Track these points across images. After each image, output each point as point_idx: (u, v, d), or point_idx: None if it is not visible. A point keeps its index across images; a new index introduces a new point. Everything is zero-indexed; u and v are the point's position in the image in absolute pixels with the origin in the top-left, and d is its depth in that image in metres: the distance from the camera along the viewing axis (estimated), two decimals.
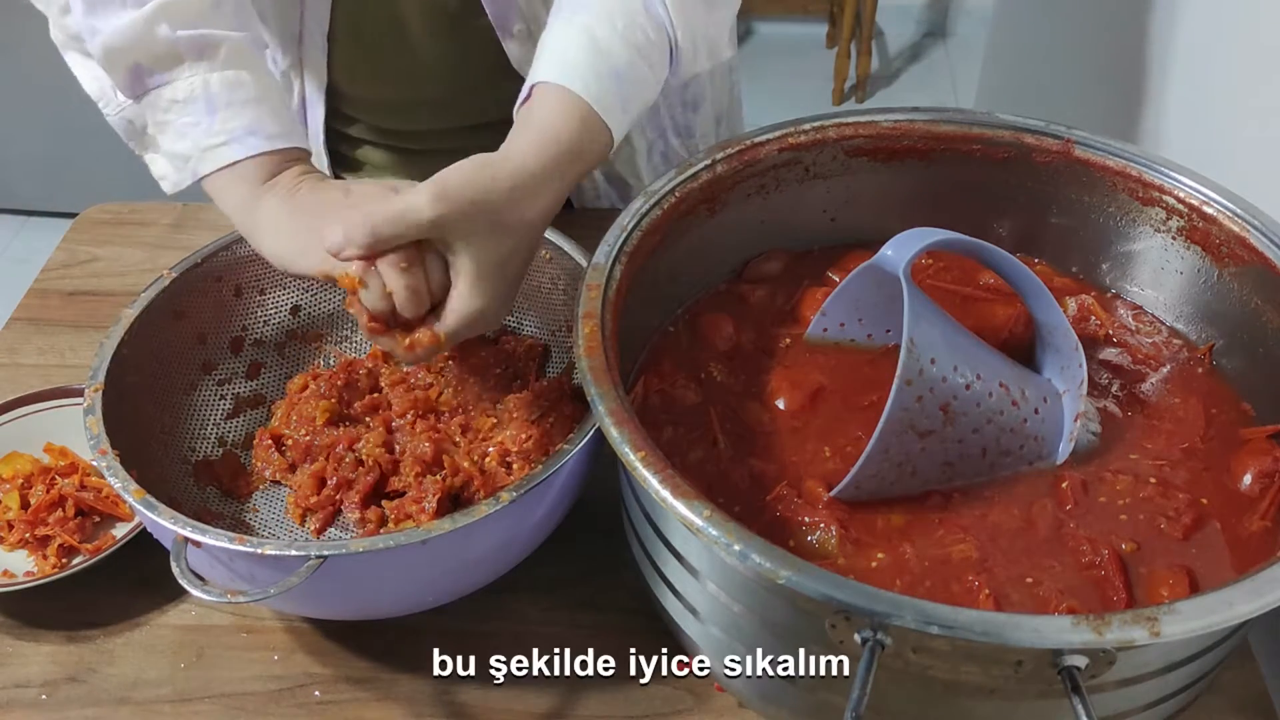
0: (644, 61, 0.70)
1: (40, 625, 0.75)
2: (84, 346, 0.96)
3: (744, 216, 0.77)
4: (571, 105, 0.67)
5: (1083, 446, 0.66)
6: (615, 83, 0.68)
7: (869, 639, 0.49)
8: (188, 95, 0.72)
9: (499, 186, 0.63)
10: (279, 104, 0.76)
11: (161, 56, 0.72)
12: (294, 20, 0.90)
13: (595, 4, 0.70)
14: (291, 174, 0.74)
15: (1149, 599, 0.58)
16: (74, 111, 2.53)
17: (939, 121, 0.75)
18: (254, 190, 0.73)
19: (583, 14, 0.70)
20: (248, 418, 0.84)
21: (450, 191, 0.62)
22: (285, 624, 0.75)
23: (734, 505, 0.64)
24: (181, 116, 0.73)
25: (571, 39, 0.69)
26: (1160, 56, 1.12)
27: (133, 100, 0.74)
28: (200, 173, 0.73)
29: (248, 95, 0.73)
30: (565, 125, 0.66)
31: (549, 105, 0.67)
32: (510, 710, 0.70)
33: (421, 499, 0.73)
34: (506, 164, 0.64)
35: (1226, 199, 0.68)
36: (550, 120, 0.67)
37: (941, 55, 3.07)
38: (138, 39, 0.71)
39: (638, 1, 0.70)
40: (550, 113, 0.67)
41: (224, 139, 0.72)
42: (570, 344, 0.72)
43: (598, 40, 0.68)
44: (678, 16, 0.71)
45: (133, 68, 0.72)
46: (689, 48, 0.73)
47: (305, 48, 0.91)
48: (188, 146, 0.73)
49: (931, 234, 0.63)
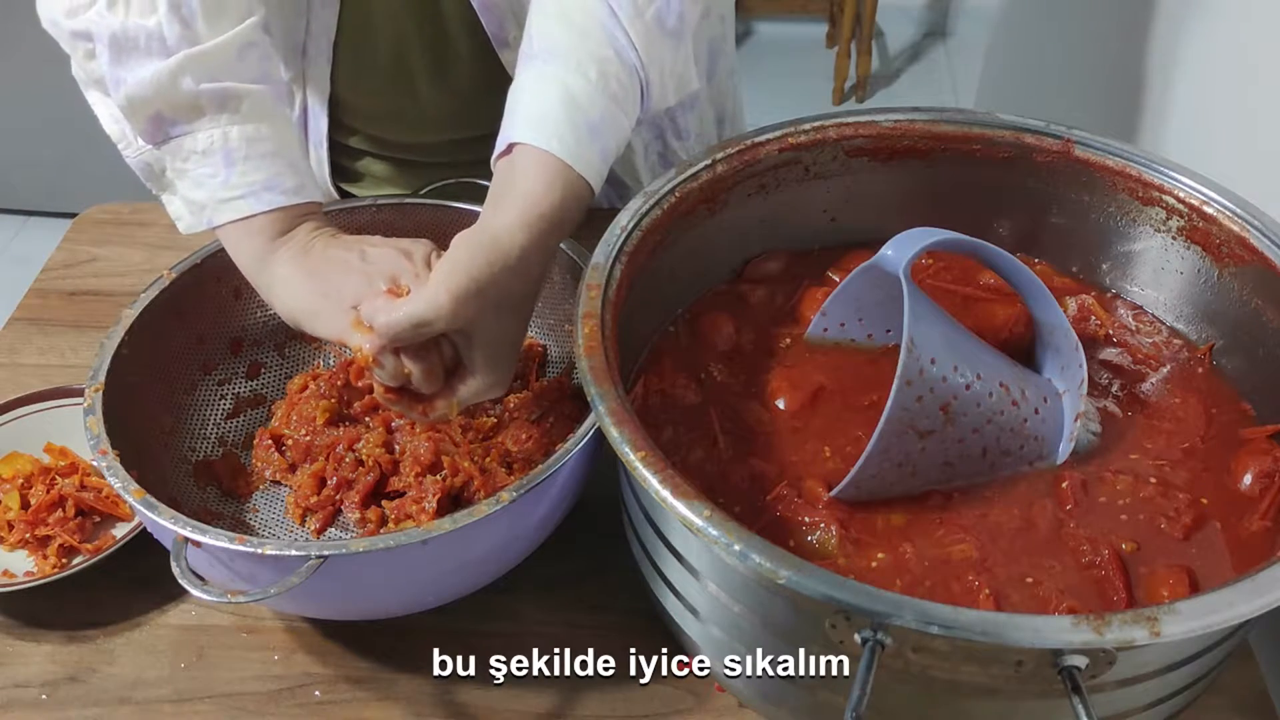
0: (619, 109, 0.70)
1: (40, 625, 0.75)
2: (84, 346, 0.96)
3: (744, 216, 0.77)
4: (554, 170, 0.67)
5: (1083, 446, 0.66)
6: (592, 137, 0.68)
7: (869, 639, 0.49)
8: (207, 147, 0.73)
9: (501, 274, 0.65)
10: (297, 157, 0.77)
11: (183, 107, 0.73)
12: (299, 31, 0.90)
13: (566, 53, 0.69)
14: (305, 230, 0.75)
15: (1149, 599, 0.58)
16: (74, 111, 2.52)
17: (939, 121, 0.75)
18: (267, 245, 0.74)
19: (555, 64, 0.69)
20: (248, 418, 0.84)
21: (460, 291, 0.64)
22: (285, 624, 0.75)
23: (734, 505, 0.64)
24: (200, 167, 0.73)
25: (547, 94, 0.68)
26: (1160, 56, 1.12)
27: (152, 146, 0.75)
28: (215, 223, 0.74)
29: (266, 149, 0.74)
30: (549, 194, 0.67)
31: (531, 171, 0.67)
32: (510, 710, 0.70)
33: (421, 499, 0.73)
34: (501, 248, 0.66)
35: (1226, 199, 0.68)
36: (534, 190, 0.67)
37: (941, 55, 3.07)
38: (161, 90, 0.72)
39: (608, 48, 0.69)
40: (534, 181, 0.67)
41: (241, 192, 0.73)
42: (570, 344, 0.72)
43: (574, 95, 0.68)
44: (647, 57, 0.71)
45: (154, 117, 0.73)
46: (658, 85, 0.73)
47: (309, 59, 0.92)
48: (204, 196, 0.74)
49: (931, 234, 0.63)
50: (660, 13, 0.70)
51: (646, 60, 0.71)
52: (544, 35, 0.71)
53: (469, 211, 0.84)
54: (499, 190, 0.68)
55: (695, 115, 1.02)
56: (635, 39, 0.70)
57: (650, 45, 0.71)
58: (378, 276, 0.70)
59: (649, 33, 0.70)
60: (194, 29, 0.72)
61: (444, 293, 0.64)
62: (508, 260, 0.65)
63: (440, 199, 0.87)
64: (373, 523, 0.75)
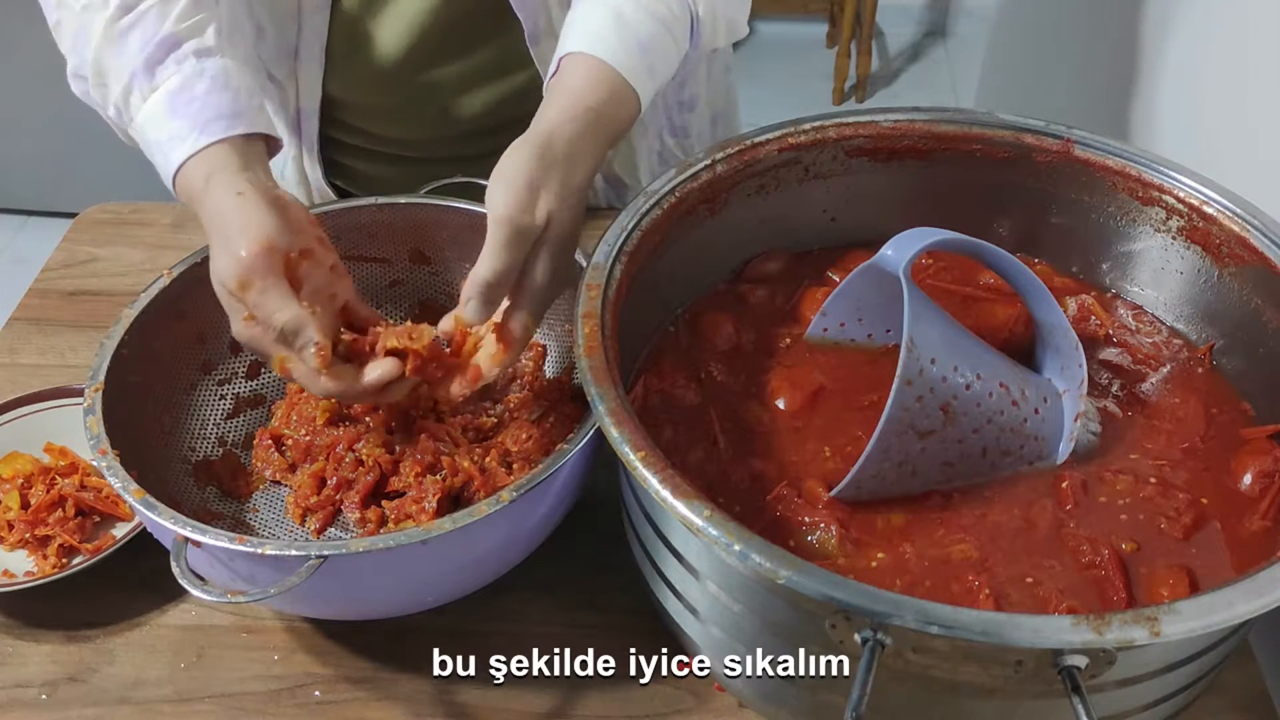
0: (667, 33, 0.73)
1: (40, 625, 0.75)
2: (84, 346, 0.96)
3: (744, 216, 0.77)
4: (600, 72, 0.70)
5: (1083, 446, 0.66)
6: (640, 51, 0.71)
7: (869, 639, 0.49)
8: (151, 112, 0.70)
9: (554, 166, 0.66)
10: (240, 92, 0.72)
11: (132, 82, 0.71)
12: (291, 34, 0.90)
13: None
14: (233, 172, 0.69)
15: (1149, 599, 0.58)
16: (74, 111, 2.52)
17: (939, 121, 0.75)
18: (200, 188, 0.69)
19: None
20: (248, 418, 0.84)
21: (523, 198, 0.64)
22: (285, 624, 0.75)
23: (734, 505, 0.64)
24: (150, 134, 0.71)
25: (597, 14, 0.72)
26: (1160, 56, 1.12)
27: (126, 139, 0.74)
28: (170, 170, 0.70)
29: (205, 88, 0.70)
30: (594, 91, 0.69)
31: (578, 74, 0.70)
32: (510, 710, 0.70)
33: (421, 499, 0.73)
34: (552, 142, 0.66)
35: (1226, 199, 0.68)
36: (580, 87, 0.69)
37: (941, 55, 3.07)
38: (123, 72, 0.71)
39: None
40: (580, 80, 0.70)
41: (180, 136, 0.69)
42: (570, 344, 0.71)
43: (623, 14, 0.71)
44: None
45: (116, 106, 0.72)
46: (709, 21, 0.76)
47: (301, 60, 0.92)
48: (160, 161, 0.70)
49: (931, 234, 0.63)
50: None
51: None
52: None
53: (468, 212, 0.84)
54: (548, 97, 0.70)
55: (695, 114, 1.02)
56: None
57: None
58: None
59: None
60: None
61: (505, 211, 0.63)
62: (559, 152, 0.66)
63: (440, 199, 0.87)
64: (373, 523, 0.75)
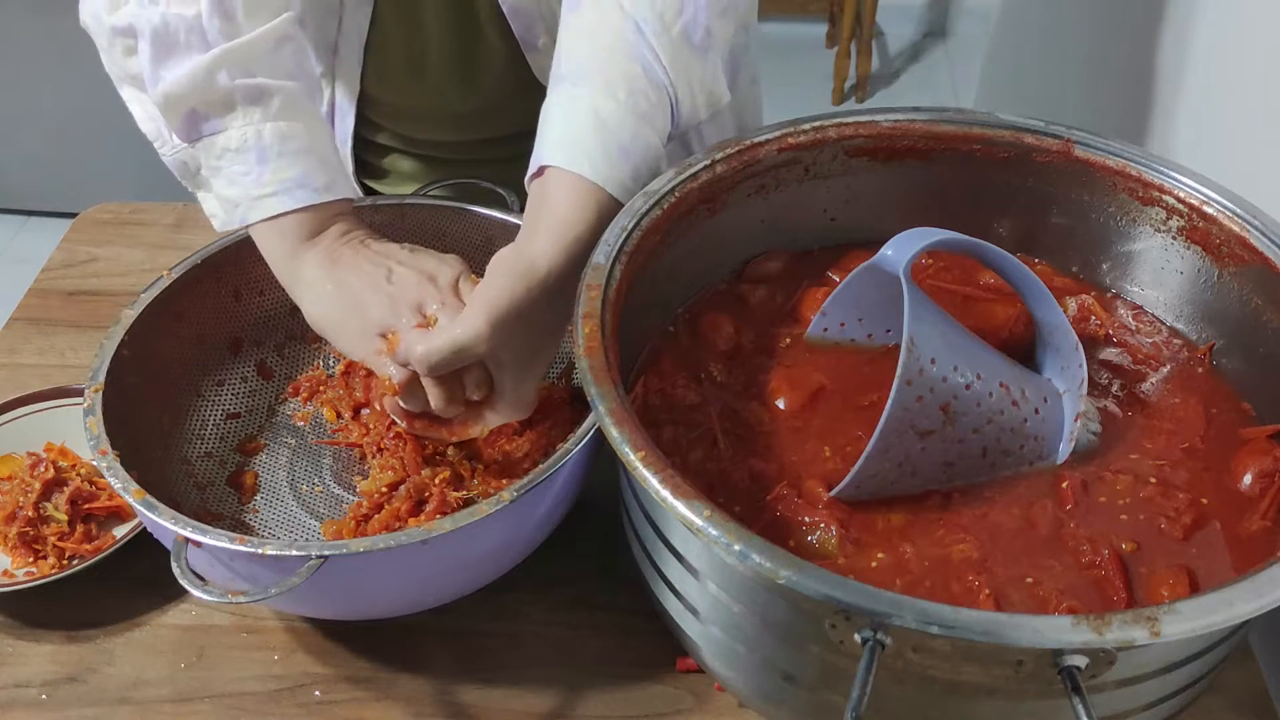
0: (650, 129, 0.70)
1: (40, 625, 0.75)
2: (84, 346, 0.96)
3: (744, 216, 0.77)
4: (586, 193, 0.68)
5: (1083, 446, 0.66)
6: (623, 158, 0.69)
7: (869, 639, 0.49)
8: (240, 144, 0.74)
9: (539, 299, 0.66)
10: (329, 154, 0.77)
11: (217, 103, 0.73)
12: (331, 29, 0.90)
13: (595, 73, 0.70)
14: (335, 233, 0.76)
15: (1149, 599, 0.58)
16: (74, 111, 2.53)
17: (939, 121, 0.75)
18: (297, 246, 0.75)
19: (584, 86, 0.70)
20: (248, 418, 0.84)
21: (500, 317, 0.65)
22: (285, 624, 0.75)
23: (734, 505, 0.64)
24: (233, 164, 0.74)
25: (577, 116, 0.69)
26: (1160, 56, 1.12)
27: (187, 144, 0.75)
28: (249, 220, 0.75)
29: (298, 146, 0.75)
30: (583, 217, 0.68)
31: (564, 195, 0.68)
32: (510, 710, 0.70)
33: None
34: (539, 273, 0.66)
35: (1226, 199, 0.68)
36: (569, 214, 0.68)
37: (941, 55, 3.07)
38: (197, 86, 0.73)
39: (636, 65, 0.70)
40: (568, 205, 0.68)
41: (273, 189, 0.74)
42: (570, 344, 0.72)
43: (604, 118, 0.69)
44: (674, 72, 0.71)
45: (189, 114, 0.74)
46: (688, 100, 0.73)
47: (340, 56, 0.92)
48: (238, 193, 0.74)
49: (931, 234, 0.63)
50: (687, 28, 0.71)
51: (674, 76, 0.71)
52: (572, 56, 0.71)
53: (469, 211, 0.84)
54: (533, 214, 0.69)
55: (716, 126, 1.02)
56: (663, 55, 0.70)
57: (678, 61, 0.71)
58: (403, 303, 0.71)
59: (676, 49, 0.71)
60: (235, 21, 0.73)
61: (485, 321, 0.65)
62: (545, 285, 0.66)
63: (440, 198, 0.87)
64: None
